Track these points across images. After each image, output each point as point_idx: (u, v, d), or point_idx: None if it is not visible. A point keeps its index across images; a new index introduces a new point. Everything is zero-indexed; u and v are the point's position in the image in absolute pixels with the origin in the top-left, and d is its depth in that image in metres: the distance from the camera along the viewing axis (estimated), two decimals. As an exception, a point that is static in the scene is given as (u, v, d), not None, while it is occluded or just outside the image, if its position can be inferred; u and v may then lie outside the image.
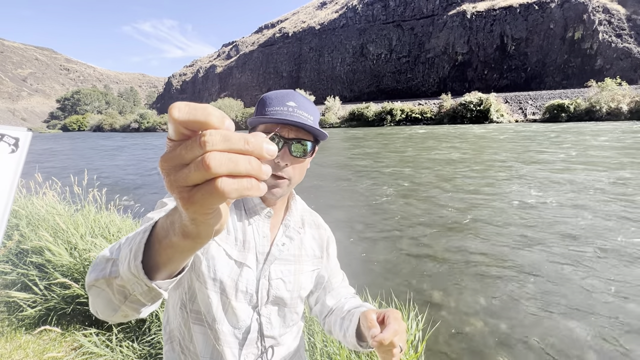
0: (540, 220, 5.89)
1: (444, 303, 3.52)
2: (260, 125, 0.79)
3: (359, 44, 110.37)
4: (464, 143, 19.72)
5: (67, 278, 2.76)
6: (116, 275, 0.50)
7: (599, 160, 11.60)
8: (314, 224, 0.98)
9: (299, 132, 0.79)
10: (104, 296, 0.53)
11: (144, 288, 0.46)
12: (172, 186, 0.30)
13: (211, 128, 0.29)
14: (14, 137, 0.38)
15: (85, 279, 0.51)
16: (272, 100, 0.80)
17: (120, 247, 0.53)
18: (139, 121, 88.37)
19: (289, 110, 0.77)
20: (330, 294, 0.96)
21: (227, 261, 0.80)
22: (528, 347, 2.85)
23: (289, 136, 0.78)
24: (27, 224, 3.81)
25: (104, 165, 16.81)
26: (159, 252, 0.43)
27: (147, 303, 0.50)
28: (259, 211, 0.85)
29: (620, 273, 3.97)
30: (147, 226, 0.46)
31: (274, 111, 0.77)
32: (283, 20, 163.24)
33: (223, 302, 0.79)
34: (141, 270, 0.44)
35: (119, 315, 0.54)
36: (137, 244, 0.45)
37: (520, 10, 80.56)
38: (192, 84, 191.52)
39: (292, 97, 0.81)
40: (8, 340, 2.55)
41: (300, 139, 0.78)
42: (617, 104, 38.26)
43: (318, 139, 0.84)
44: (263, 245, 0.84)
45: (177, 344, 0.85)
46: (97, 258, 0.56)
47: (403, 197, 7.87)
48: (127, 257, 0.46)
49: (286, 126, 0.77)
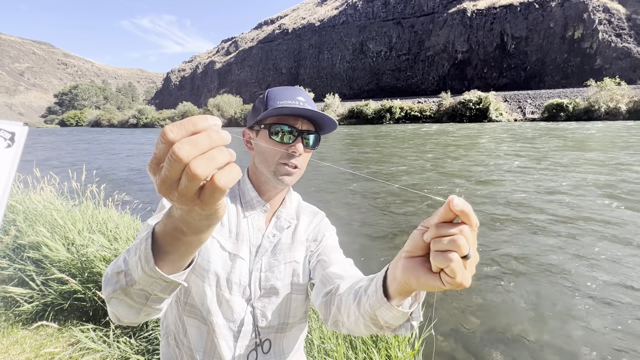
0: (539, 218, 5.91)
1: (441, 301, 3.53)
2: (273, 117, 0.81)
3: (359, 41, 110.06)
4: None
5: (65, 273, 2.75)
6: (132, 283, 0.53)
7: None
8: (310, 212, 0.98)
9: (309, 125, 0.84)
10: (124, 304, 0.56)
11: (163, 284, 0.50)
12: (182, 201, 0.36)
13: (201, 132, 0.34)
14: (9, 131, 0.39)
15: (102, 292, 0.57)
16: (282, 94, 0.83)
17: (125, 260, 0.56)
18: (137, 117, 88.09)
19: (300, 104, 0.80)
20: (333, 266, 0.85)
21: (221, 253, 0.80)
22: (524, 345, 2.87)
23: (302, 128, 0.82)
24: (25, 219, 3.79)
25: (103, 160, 16.74)
26: (170, 251, 0.48)
27: (167, 297, 0.54)
28: (255, 205, 0.86)
29: (621, 273, 3.99)
30: (147, 234, 0.49)
31: (287, 105, 0.79)
32: (283, 17, 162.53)
33: (217, 294, 0.80)
34: (158, 271, 0.48)
35: (142, 316, 0.57)
36: (143, 251, 0.48)
37: (520, 9, 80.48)
38: (191, 80, 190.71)
39: (300, 93, 0.85)
40: (5, 336, 2.54)
41: (311, 131, 0.83)
42: (615, 104, 38.39)
43: (323, 132, 0.88)
44: (256, 237, 0.85)
45: (172, 338, 0.85)
46: (106, 274, 0.59)
47: (403, 196, 7.88)
48: (138, 264, 0.50)
49: (299, 119, 0.81)
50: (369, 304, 0.59)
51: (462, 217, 0.40)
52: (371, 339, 2.16)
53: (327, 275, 0.81)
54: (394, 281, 0.51)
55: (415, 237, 0.46)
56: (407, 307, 0.57)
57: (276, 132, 0.80)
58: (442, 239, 0.41)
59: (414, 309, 0.58)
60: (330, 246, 0.92)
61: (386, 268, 0.57)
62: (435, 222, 0.43)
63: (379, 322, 0.60)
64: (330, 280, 0.80)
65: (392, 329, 0.61)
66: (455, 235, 0.40)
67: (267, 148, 0.81)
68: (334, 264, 0.85)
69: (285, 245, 0.88)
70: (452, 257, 0.40)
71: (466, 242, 0.40)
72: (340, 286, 0.75)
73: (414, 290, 0.50)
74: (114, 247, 2.99)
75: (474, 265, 0.43)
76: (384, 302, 0.55)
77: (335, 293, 0.75)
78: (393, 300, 0.55)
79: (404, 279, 0.48)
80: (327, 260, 0.86)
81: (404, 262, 0.48)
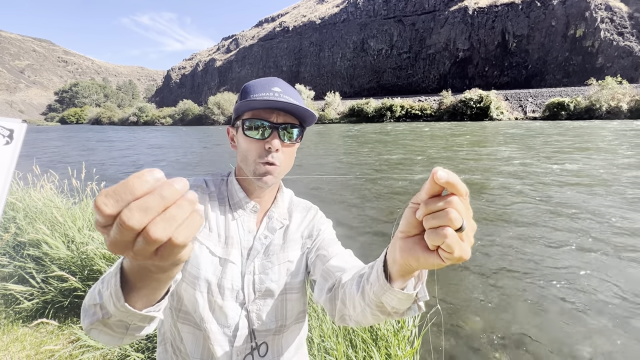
0: (539, 216, 5.91)
1: (441, 299, 3.53)
2: (247, 111, 0.77)
3: (360, 39, 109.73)
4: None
5: (65, 271, 2.75)
6: (108, 316, 0.51)
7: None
8: (303, 208, 0.94)
9: (286, 117, 0.78)
10: (105, 333, 0.55)
11: (139, 316, 0.49)
12: (138, 258, 0.34)
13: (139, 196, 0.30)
14: (8, 128, 0.38)
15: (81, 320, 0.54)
16: (256, 86, 0.78)
17: (99, 292, 0.54)
18: (137, 115, 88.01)
19: (275, 96, 0.75)
20: (333, 259, 0.82)
21: (211, 259, 0.78)
22: (524, 344, 2.87)
23: (277, 121, 0.76)
24: (25, 217, 3.79)
25: (103, 158, 16.74)
26: (141, 287, 0.46)
27: (147, 325, 0.53)
28: (243, 206, 0.83)
29: (621, 271, 3.99)
30: (116, 268, 0.47)
31: (259, 97, 0.75)
32: (283, 14, 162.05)
33: (209, 300, 0.78)
34: (129, 308, 0.46)
35: (127, 341, 0.56)
36: (113, 287, 0.46)
37: (522, 7, 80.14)
38: (192, 78, 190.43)
39: (277, 83, 0.79)
40: (5, 333, 2.55)
41: (288, 124, 0.77)
42: (617, 103, 38.27)
43: (304, 124, 0.82)
44: (247, 240, 0.82)
45: (170, 345, 0.84)
46: (84, 304, 0.57)
47: (402, 195, 7.87)
48: (110, 299, 0.48)
49: (274, 111, 0.76)
50: (373, 291, 0.57)
51: (448, 188, 0.38)
52: (371, 338, 2.16)
53: (328, 270, 0.79)
54: (395, 264, 0.49)
55: (407, 216, 0.44)
56: (411, 288, 0.54)
57: (250, 128, 0.76)
58: (433, 215, 0.39)
59: (419, 289, 0.55)
60: (327, 239, 0.88)
61: (385, 252, 0.55)
62: (423, 197, 0.41)
63: (385, 309, 0.58)
64: (331, 274, 0.78)
65: (400, 314, 0.59)
66: (445, 209, 0.38)
67: (244, 146, 0.78)
68: (334, 256, 0.81)
69: (278, 246, 0.85)
70: (446, 233, 0.38)
71: (457, 213, 0.38)
72: (343, 278, 0.72)
73: (415, 270, 0.49)
74: (114, 244, 2.99)
75: (471, 236, 0.41)
76: (387, 287, 0.53)
77: (338, 287, 0.73)
78: (396, 284, 0.53)
79: (403, 260, 0.46)
80: (326, 255, 0.83)
81: (400, 244, 0.46)
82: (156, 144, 24.65)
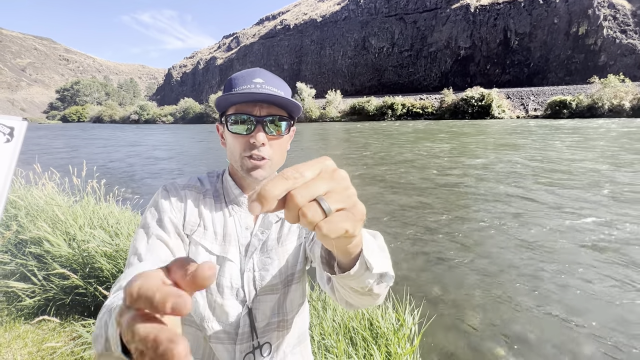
0: (539, 217, 5.90)
1: (440, 298, 3.53)
2: (231, 106, 0.76)
3: (361, 37, 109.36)
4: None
5: (66, 269, 2.77)
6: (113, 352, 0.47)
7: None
8: None
9: (270, 108, 0.75)
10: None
11: None
12: None
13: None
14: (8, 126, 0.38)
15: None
16: (237, 79, 0.77)
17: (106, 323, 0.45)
18: (138, 113, 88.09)
19: (256, 87, 0.74)
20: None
21: (209, 258, 0.76)
22: (524, 343, 2.87)
23: (260, 114, 0.74)
24: (26, 215, 3.81)
25: (104, 156, 16.78)
26: None
27: None
28: (240, 202, 0.82)
29: (621, 271, 3.98)
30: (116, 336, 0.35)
31: (240, 90, 0.73)
32: (284, 12, 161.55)
33: (209, 300, 0.77)
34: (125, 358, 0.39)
35: None
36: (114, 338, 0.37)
37: (524, 5, 79.64)
38: (192, 76, 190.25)
39: (259, 74, 0.77)
40: (7, 330, 2.56)
41: (273, 115, 0.75)
42: (619, 101, 38.07)
43: (293, 115, 0.79)
44: (245, 237, 0.81)
45: None
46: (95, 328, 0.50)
47: (401, 194, 7.87)
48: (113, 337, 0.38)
49: (257, 104, 0.74)
50: (337, 283, 0.57)
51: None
52: (371, 336, 2.16)
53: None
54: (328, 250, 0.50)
55: None
56: (363, 265, 0.51)
57: (234, 123, 0.74)
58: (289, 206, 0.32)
59: (371, 260, 0.51)
60: None
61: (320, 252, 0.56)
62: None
63: (360, 291, 0.57)
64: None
65: (378, 289, 0.57)
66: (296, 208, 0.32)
67: (230, 141, 0.77)
68: None
69: (275, 240, 0.83)
70: (307, 221, 0.32)
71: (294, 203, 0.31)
72: None
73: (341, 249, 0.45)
74: (115, 242, 3.01)
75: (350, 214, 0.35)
76: (341, 275, 0.52)
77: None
78: (347, 266, 0.51)
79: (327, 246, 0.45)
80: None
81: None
82: (162, 141, 24.69)
